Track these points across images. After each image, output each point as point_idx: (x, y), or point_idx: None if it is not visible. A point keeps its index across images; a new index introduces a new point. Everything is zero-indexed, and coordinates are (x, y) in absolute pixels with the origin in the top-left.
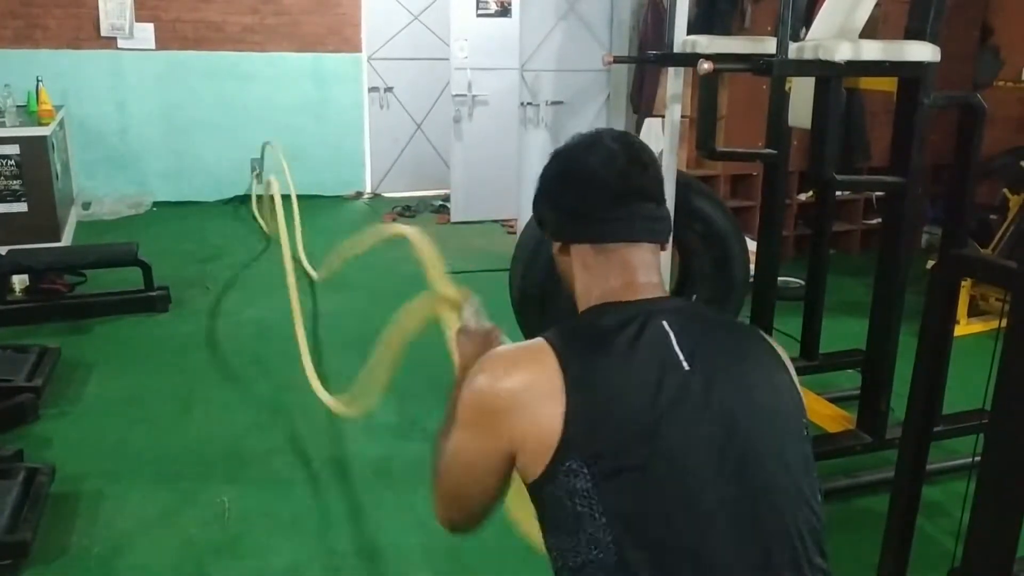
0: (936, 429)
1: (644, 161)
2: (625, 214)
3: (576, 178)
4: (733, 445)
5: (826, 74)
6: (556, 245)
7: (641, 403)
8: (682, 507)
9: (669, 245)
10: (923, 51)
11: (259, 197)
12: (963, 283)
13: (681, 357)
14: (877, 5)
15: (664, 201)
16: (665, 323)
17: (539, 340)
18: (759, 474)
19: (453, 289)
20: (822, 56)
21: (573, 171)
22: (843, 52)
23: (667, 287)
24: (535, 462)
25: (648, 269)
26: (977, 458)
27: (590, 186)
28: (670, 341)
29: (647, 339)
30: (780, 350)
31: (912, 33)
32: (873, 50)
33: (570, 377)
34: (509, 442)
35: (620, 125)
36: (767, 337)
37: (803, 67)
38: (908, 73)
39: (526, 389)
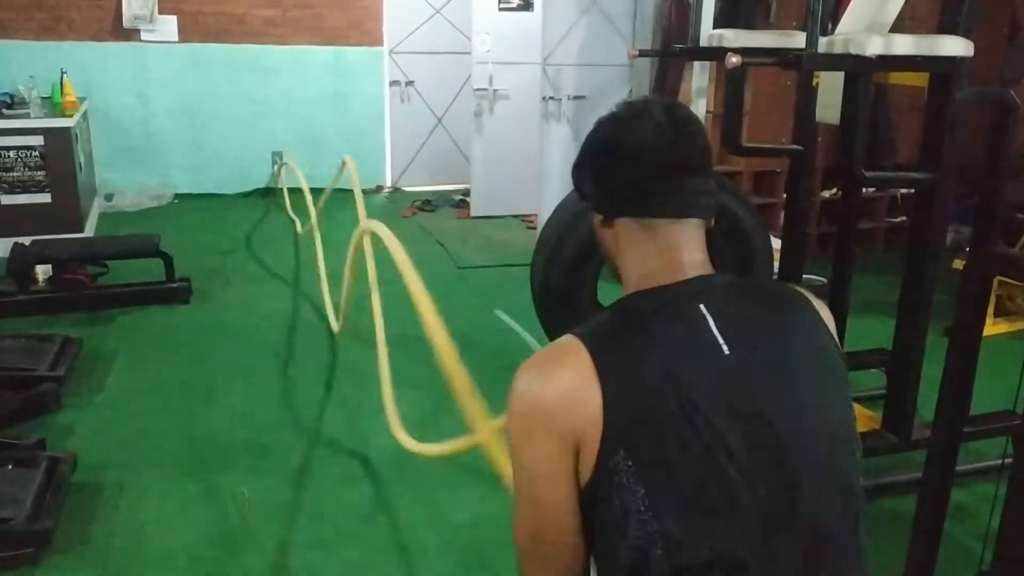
0: (965, 430)
1: (693, 132)
2: (673, 187)
3: (623, 150)
4: (773, 436)
5: (857, 69)
6: (598, 218)
7: (676, 391)
8: (723, 500)
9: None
10: (956, 46)
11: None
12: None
13: (720, 340)
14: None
15: (712, 173)
16: (703, 306)
17: (569, 337)
18: (798, 467)
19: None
20: (853, 50)
21: (620, 143)
22: (874, 46)
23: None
24: (587, 464)
25: (693, 246)
26: (1007, 460)
27: (637, 159)
28: (708, 324)
29: (683, 324)
30: (824, 313)
31: (944, 27)
32: (905, 44)
33: (603, 371)
34: (569, 442)
35: None
36: (811, 301)
37: (833, 61)
38: (940, 68)
39: (567, 388)
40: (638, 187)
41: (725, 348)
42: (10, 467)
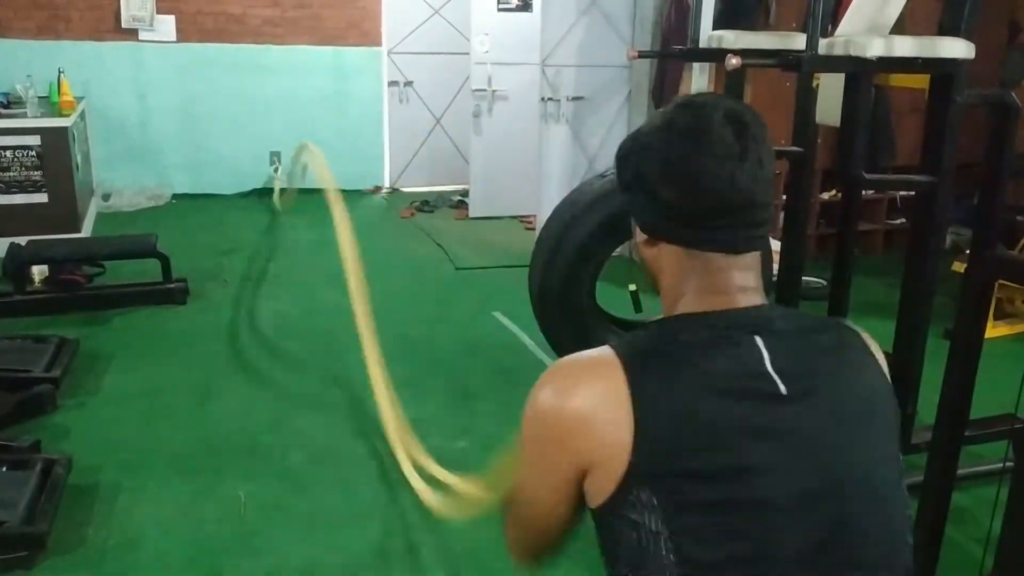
0: (966, 434)
1: (760, 158)
2: (729, 223)
3: (680, 174)
4: (828, 493)
5: (857, 70)
6: (641, 235)
7: (725, 431)
8: (763, 555)
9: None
10: (957, 48)
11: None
12: None
13: (778, 380)
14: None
15: (772, 201)
16: (759, 339)
17: (606, 351)
18: (852, 532)
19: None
20: (853, 52)
21: (677, 165)
22: (875, 48)
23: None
24: (601, 488)
25: (744, 274)
26: (1008, 463)
27: (695, 189)
28: (763, 361)
29: (736, 358)
30: (875, 349)
31: (945, 29)
32: (906, 46)
33: (639, 397)
34: (578, 463)
35: (642, 121)
36: (862, 337)
37: (834, 63)
38: (941, 70)
39: (592, 408)
40: (690, 219)
41: (783, 388)
42: (5, 469)
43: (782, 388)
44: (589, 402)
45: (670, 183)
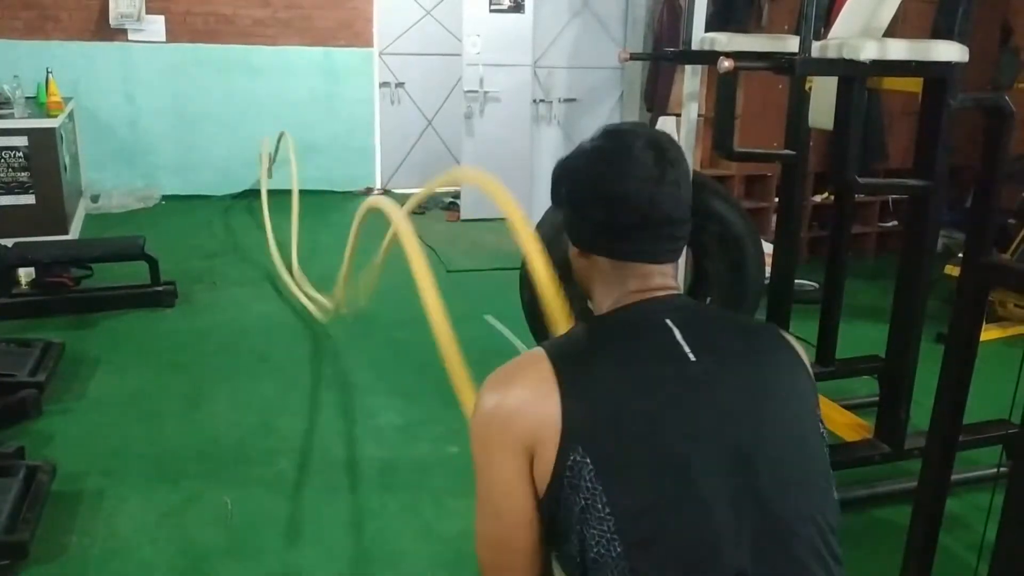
0: (960, 439)
1: (678, 179)
2: (650, 236)
3: (606, 195)
4: (740, 446)
5: (851, 74)
6: (574, 249)
7: (640, 395)
8: (686, 502)
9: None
10: (951, 51)
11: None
12: None
13: (687, 349)
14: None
15: (688, 218)
16: (669, 320)
17: (535, 349)
18: (765, 475)
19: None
20: (847, 55)
21: (603, 186)
22: (868, 51)
23: (681, 289)
24: (544, 466)
25: (664, 275)
26: (1003, 469)
27: (620, 208)
28: (674, 335)
29: (649, 335)
30: (797, 347)
31: (938, 32)
32: (899, 49)
33: (563, 377)
34: (524, 445)
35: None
36: (783, 334)
37: (827, 66)
38: (935, 74)
39: (525, 393)
40: (616, 233)
41: (691, 355)
42: None
43: (691, 356)
44: (523, 390)
45: (597, 202)
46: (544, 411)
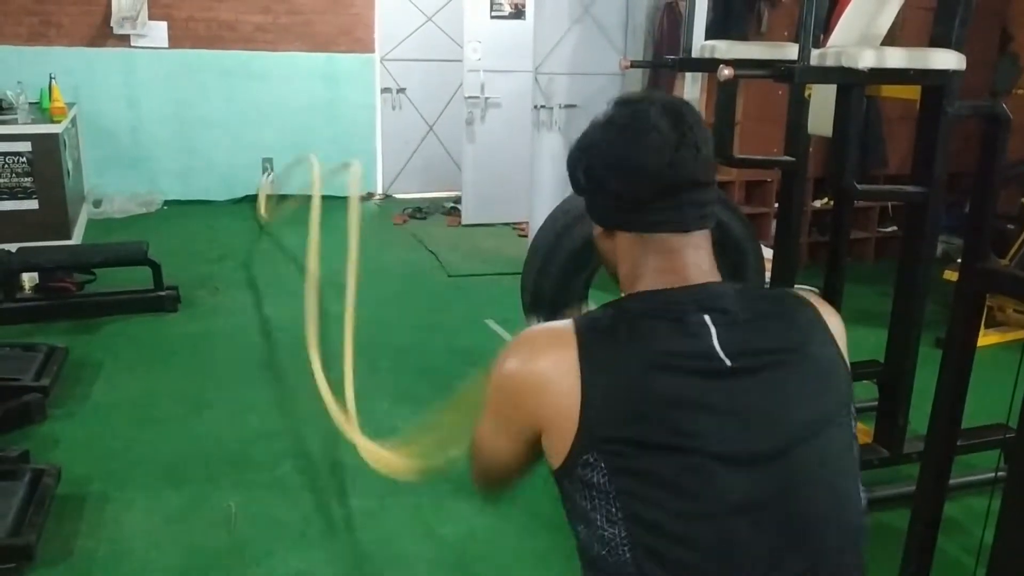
0: (958, 444)
1: (697, 142)
2: (674, 204)
3: (623, 165)
4: (772, 460)
5: (849, 82)
6: (598, 229)
7: (667, 399)
8: (705, 517)
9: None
10: (948, 59)
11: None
12: None
13: (723, 356)
14: (899, 11)
15: (715, 182)
16: (708, 317)
17: (567, 323)
18: (794, 489)
19: None
20: (845, 63)
21: (620, 156)
22: (867, 59)
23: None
24: (557, 450)
25: (697, 252)
26: (1000, 473)
27: (639, 176)
28: (711, 337)
29: (684, 333)
30: (833, 321)
31: (936, 40)
32: (897, 58)
33: (586, 368)
34: (532, 423)
35: None
36: (819, 309)
37: (825, 74)
38: (932, 81)
39: (546, 374)
40: (638, 204)
41: (726, 360)
42: None
43: (727, 362)
44: (544, 370)
45: (617, 174)
46: (562, 401)
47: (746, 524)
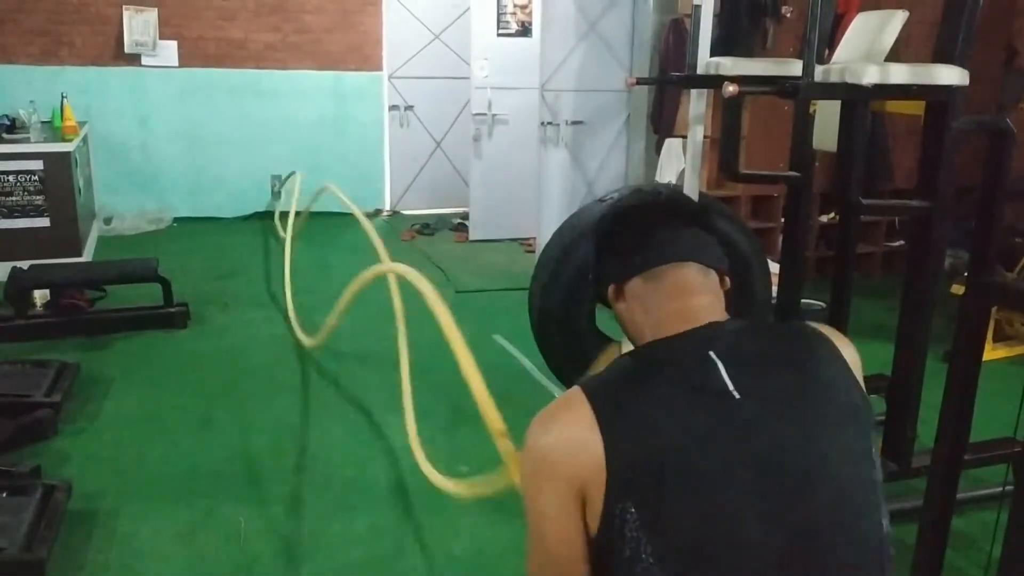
0: (966, 458)
1: (676, 191)
2: (672, 236)
3: (621, 219)
4: (784, 485)
5: (853, 98)
6: (612, 295)
7: (682, 442)
8: (726, 547)
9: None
10: (952, 75)
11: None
12: None
13: (731, 387)
14: (903, 27)
15: (712, 231)
16: (712, 353)
17: (574, 389)
18: (811, 518)
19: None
20: (849, 79)
21: (621, 215)
22: (871, 75)
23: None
24: (594, 510)
25: (702, 290)
26: (1008, 487)
27: (635, 218)
28: (718, 370)
29: (692, 371)
30: (848, 352)
31: (940, 56)
32: (901, 74)
33: (603, 420)
34: (573, 488)
35: (640, 145)
36: (831, 340)
37: (830, 90)
38: (936, 97)
39: (568, 437)
40: (641, 242)
41: (736, 394)
42: (4, 495)
43: (735, 394)
44: (564, 433)
45: (616, 229)
46: (588, 457)
47: (771, 564)
